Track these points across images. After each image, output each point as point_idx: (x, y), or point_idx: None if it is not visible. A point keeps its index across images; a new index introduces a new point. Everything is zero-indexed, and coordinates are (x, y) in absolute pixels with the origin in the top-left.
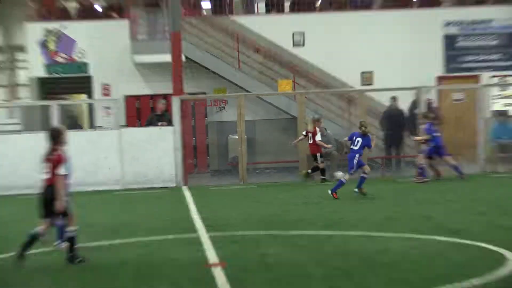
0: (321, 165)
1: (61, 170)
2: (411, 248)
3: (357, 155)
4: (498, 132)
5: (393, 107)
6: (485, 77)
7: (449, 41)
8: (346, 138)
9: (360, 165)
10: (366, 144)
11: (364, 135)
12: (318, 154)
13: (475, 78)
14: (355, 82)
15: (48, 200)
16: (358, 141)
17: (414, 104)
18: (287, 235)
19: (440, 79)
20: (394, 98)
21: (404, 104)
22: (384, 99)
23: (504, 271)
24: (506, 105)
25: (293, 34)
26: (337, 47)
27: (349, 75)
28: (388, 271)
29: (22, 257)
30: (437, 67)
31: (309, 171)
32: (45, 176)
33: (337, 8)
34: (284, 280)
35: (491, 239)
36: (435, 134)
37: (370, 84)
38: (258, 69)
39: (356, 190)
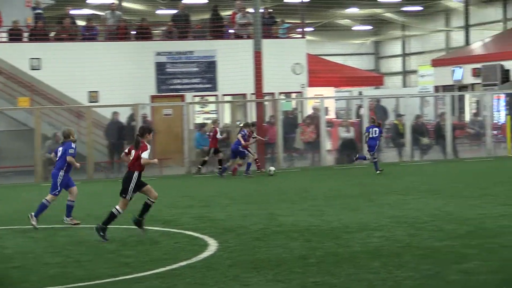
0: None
1: (146, 155)
2: (131, 236)
3: (378, 141)
4: (199, 141)
5: (114, 120)
6: (189, 96)
7: (160, 67)
8: (366, 133)
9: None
10: (380, 132)
11: (378, 126)
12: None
13: (181, 97)
14: (83, 100)
15: (125, 180)
16: (375, 131)
17: (132, 118)
18: (25, 229)
19: (153, 97)
20: (115, 113)
21: (123, 118)
22: (107, 114)
23: (206, 254)
24: (205, 119)
25: (30, 60)
26: (68, 70)
27: (78, 94)
28: (113, 256)
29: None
30: (151, 88)
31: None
32: (129, 162)
33: (69, 39)
34: (23, 268)
35: (197, 228)
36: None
37: (96, 102)
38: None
39: (377, 172)
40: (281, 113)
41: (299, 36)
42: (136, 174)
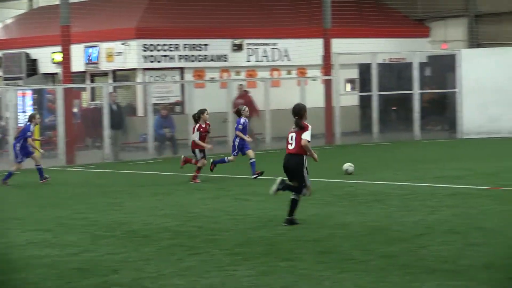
0: None
1: (307, 136)
2: None
3: (237, 138)
4: None
5: None
6: None
7: None
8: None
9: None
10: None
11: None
12: None
13: None
14: None
15: (292, 166)
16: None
17: None
18: None
19: None
20: None
21: None
22: None
23: None
24: None
25: None
26: None
27: None
28: None
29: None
30: None
31: None
32: (291, 147)
33: None
34: None
35: None
36: None
37: None
38: None
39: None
40: None
41: None
42: (305, 157)
